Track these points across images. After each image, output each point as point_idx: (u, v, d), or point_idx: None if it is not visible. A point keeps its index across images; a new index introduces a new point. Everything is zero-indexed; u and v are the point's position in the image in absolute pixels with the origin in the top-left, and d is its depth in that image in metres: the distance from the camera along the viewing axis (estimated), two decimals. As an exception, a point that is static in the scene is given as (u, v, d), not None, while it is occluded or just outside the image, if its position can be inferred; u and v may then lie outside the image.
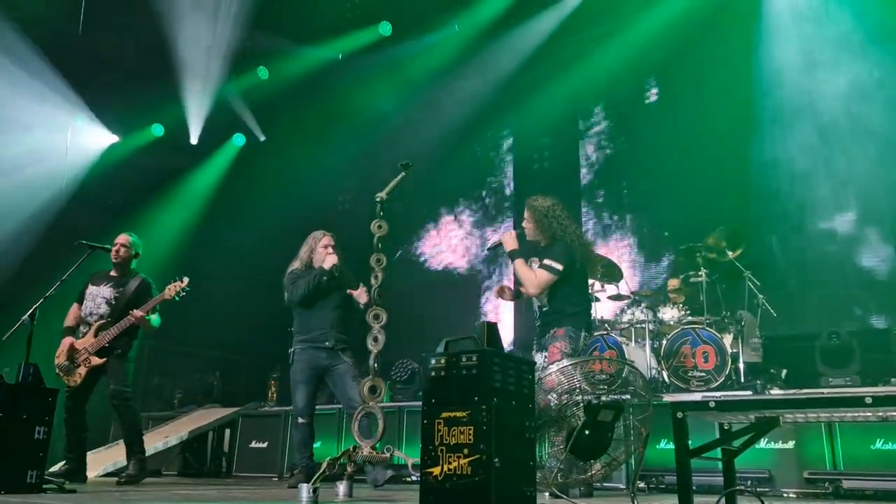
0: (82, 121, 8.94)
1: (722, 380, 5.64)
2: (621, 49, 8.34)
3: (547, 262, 4.39)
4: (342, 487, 3.71)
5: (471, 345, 2.86)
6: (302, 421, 4.94)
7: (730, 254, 6.35)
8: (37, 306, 4.43)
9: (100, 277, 5.28)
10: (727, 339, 5.83)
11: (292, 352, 5.03)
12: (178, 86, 9.10)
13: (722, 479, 2.92)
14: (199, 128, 9.69)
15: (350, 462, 3.75)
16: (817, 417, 2.79)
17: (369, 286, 3.94)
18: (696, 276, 6.33)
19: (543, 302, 4.53)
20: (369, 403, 3.82)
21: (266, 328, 8.47)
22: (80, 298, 5.25)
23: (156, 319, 5.18)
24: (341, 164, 9.87)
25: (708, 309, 6.10)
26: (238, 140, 10.46)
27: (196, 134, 9.73)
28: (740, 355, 5.83)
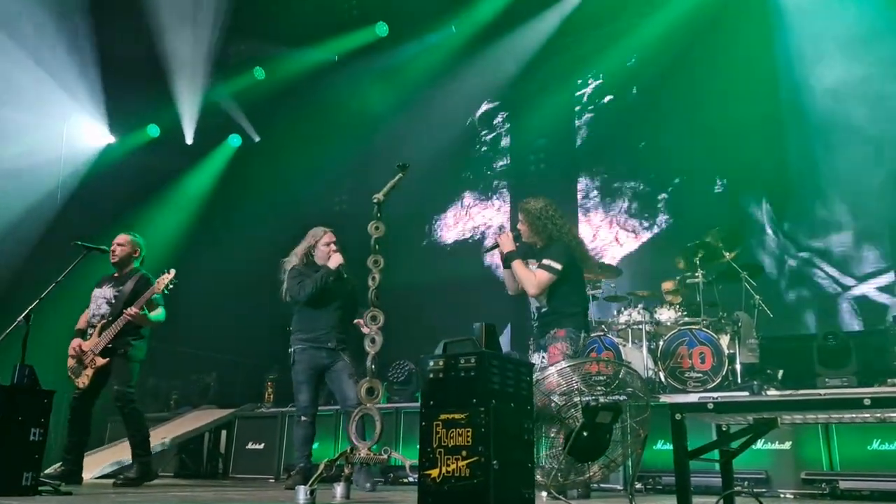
0: (78, 121, 8.91)
1: (719, 381, 5.65)
2: (622, 48, 8.35)
3: (546, 262, 4.38)
4: (339, 489, 3.69)
5: (469, 346, 2.85)
6: (305, 419, 4.94)
7: (726, 255, 6.36)
8: (32, 308, 4.40)
9: (104, 279, 5.32)
10: (724, 340, 5.83)
11: (293, 352, 5.01)
12: (171, 87, 9.09)
13: (720, 479, 2.92)
14: (193, 129, 9.69)
15: (347, 464, 3.74)
16: (816, 419, 2.78)
17: (367, 287, 3.92)
18: (692, 277, 6.33)
19: (542, 302, 4.52)
20: (367, 405, 3.81)
21: (263, 329, 8.46)
22: (89, 301, 5.26)
23: (158, 315, 5.12)
24: (337, 164, 9.86)
25: (705, 310, 6.10)
26: (234, 141, 10.45)
27: (190, 135, 9.72)
28: (737, 356, 5.83)
